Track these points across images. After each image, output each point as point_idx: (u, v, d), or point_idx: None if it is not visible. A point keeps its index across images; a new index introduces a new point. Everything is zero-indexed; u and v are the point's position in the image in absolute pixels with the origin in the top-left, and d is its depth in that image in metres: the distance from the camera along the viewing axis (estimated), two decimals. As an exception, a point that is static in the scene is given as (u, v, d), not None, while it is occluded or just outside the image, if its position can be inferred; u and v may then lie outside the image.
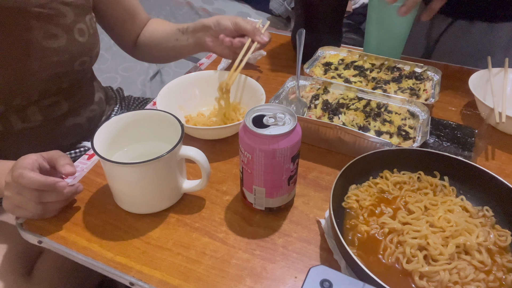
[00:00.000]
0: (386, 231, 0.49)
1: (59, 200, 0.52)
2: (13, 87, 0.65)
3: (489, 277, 0.44)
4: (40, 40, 0.65)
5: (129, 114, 0.56)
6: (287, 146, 0.47)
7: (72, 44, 0.69)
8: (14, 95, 0.66)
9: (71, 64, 0.70)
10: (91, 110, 0.79)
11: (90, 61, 0.75)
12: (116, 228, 0.52)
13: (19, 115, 0.69)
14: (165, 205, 0.54)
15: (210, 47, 0.77)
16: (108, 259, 0.48)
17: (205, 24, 0.77)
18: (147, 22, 0.89)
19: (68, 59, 0.69)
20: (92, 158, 0.64)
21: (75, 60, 0.70)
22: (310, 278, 0.36)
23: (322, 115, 0.66)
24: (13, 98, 0.66)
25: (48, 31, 0.66)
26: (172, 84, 0.71)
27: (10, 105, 0.67)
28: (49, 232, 0.52)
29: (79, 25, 0.70)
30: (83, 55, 0.71)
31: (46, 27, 0.65)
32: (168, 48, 0.85)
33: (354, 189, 0.54)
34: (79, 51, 0.70)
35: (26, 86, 0.66)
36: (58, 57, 0.67)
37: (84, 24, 0.71)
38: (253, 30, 0.74)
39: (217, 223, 0.53)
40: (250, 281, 0.46)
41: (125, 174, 0.49)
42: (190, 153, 0.51)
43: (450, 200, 0.51)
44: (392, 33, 0.82)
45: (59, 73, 0.69)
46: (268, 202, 0.52)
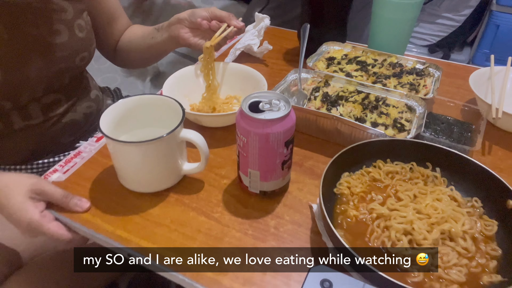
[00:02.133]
0: (374, 216, 0.50)
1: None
2: (22, 83, 0.66)
3: (471, 263, 0.46)
4: (45, 36, 0.67)
5: (135, 98, 0.59)
6: (280, 130, 0.49)
7: (73, 39, 0.71)
8: (21, 92, 0.67)
9: (73, 59, 0.72)
10: (88, 107, 0.80)
11: (89, 57, 0.76)
12: (119, 205, 0.55)
13: (21, 112, 0.69)
14: (166, 185, 0.57)
15: (184, 38, 0.77)
16: (109, 232, 0.51)
17: (180, 17, 0.77)
18: (128, 28, 0.89)
19: (70, 54, 0.71)
20: (100, 141, 0.67)
21: (76, 56, 0.72)
22: (310, 278, 0.36)
23: (321, 106, 0.68)
24: (20, 95, 0.67)
25: (52, 27, 0.67)
26: (178, 73, 0.74)
27: (17, 102, 0.68)
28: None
29: (78, 20, 0.72)
30: (83, 50, 0.73)
31: (50, 23, 0.67)
32: (144, 48, 0.85)
33: (347, 177, 0.56)
34: (80, 46, 0.72)
35: (33, 82, 0.67)
36: (62, 53, 0.69)
37: (82, 20, 0.73)
38: (228, 16, 0.76)
39: (214, 204, 0.56)
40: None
41: (128, 153, 0.52)
42: (189, 135, 0.54)
43: (439, 190, 0.53)
44: (396, 30, 0.83)
45: (62, 69, 0.70)
46: (263, 185, 0.55)
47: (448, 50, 1.95)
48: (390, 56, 0.81)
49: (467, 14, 1.84)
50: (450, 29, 1.88)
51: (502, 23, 1.80)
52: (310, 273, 0.36)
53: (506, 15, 1.78)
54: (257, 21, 0.93)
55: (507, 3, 1.76)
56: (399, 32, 0.83)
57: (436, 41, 1.92)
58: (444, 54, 1.93)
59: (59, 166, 0.61)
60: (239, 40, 0.93)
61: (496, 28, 1.82)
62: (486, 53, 1.88)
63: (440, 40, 1.91)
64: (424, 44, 1.94)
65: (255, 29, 0.92)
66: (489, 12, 1.85)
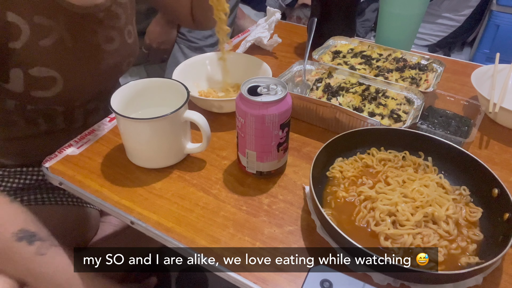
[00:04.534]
0: (362, 198, 0.53)
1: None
2: (78, 90, 0.68)
3: (452, 245, 0.48)
4: (101, 43, 0.68)
5: (144, 80, 0.63)
6: (276, 113, 0.52)
7: (123, 46, 0.72)
8: (76, 98, 0.69)
9: (121, 65, 0.74)
10: None
11: (133, 62, 0.78)
12: (125, 178, 0.60)
13: (67, 116, 0.72)
14: (170, 162, 0.61)
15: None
16: (114, 201, 0.56)
17: None
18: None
19: (120, 61, 0.73)
20: (112, 121, 0.72)
21: (124, 61, 0.74)
22: (310, 278, 0.37)
23: (322, 96, 0.71)
24: (74, 101, 0.70)
25: (108, 35, 0.69)
26: (189, 61, 0.78)
27: (69, 107, 0.70)
28: (69, 176, 0.60)
29: (128, 27, 0.73)
30: (130, 56, 0.75)
31: (107, 31, 0.69)
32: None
33: (340, 161, 0.59)
34: (128, 52, 0.74)
35: (87, 89, 0.69)
36: (114, 60, 0.71)
37: (131, 26, 0.74)
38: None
39: (213, 182, 0.59)
40: (233, 230, 0.52)
41: (135, 129, 0.57)
42: (193, 116, 0.58)
43: (427, 177, 0.55)
44: (403, 26, 0.84)
45: (112, 75, 0.73)
46: (259, 166, 0.58)
47: (448, 50, 1.94)
48: (395, 51, 0.83)
49: (467, 14, 1.83)
50: (450, 29, 1.87)
51: (502, 23, 1.78)
52: (310, 273, 0.37)
53: (506, 15, 1.76)
54: (268, 15, 0.96)
55: (507, 3, 1.73)
56: (406, 28, 0.85)
57: (436, 41, 1.91)
58: (444, 54, 1.92)
59: (74, 141, 0.66)
60: (250, 33, 0.96)
61: (496, 28, 1.80)
62: (486, 53, 1.86)
63: (440, 40, 1.90)
64: (424, 44, 1.93)
65: (266, 23, 0.96)
66: (489, 12, 1.83)
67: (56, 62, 0.63)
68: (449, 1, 1.82)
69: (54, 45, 0.62)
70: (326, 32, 0.89)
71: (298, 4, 1.90)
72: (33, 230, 0.57)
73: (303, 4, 1.88)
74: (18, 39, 0.58)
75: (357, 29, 1.66)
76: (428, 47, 1.94)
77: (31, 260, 0.56)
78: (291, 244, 0.50)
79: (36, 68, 0.61)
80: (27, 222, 0.58)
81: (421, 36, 1.92)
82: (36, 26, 0.59)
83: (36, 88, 0.63)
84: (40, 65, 0.61)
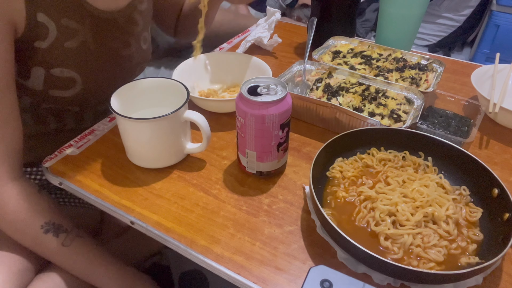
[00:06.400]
0: (362, 198, 0.53)
1: None
2: (94, 92, 0.69)
3: (452, 245, 0.48)
4: (119, 48, 0.70)
5: (144, 81, 0.63)
6: (276, 113, 0.52)
7: (138, 51, 0.74)
8: (90, 100, 0.71)
9: (134, 70, 0.76)
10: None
11: (145, 67, 0.80)
12: (125, 178, 0.60)
13: (77, 116, 0.73)
14: (170, 162, 0.61)
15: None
16: (114, 201, 0.56)
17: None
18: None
19: (134, 66, 0.74)
20: (112, 121, 0.72)
21: (137, 66, 0.76)
22: (310, 278, 0.36)
23: (322, 96, 0.71)
24: (89, 102, 0.71)
25: (126, 40, 0.71)
26: (189, 61, 0.78)
27: (83, 107, 0.71)
28: (69, 176, 0.60)
29: (144, 33, 0.75)
30: (143, 62, 0.77)
31: (125, 36, 0.70)
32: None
33: (340, 161, 0.59)
34: (142, 57, 0.76)
35: (102, 91, 0.69)
36: (129, 64, 0.73)
37: (147, 32, 0.76)
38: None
39: (213, 182, 0.59)
40: (233, 230, 0.52)
41: (135, 129, 0.57)
42: (193, 116, 0.58)
43: (427, 177, 0.55)
44: (403, 26, 0.84)
45: (125, 79, 0.72)
46: (259, 166, 0.58)
47: (448, 50, 1.94)
48: (395, 51, 0.83)
49: (467, 14, 1.83)
50: (450, 29, 1.87)
51: (502, 23, 1.78)
52: (310, 273, 0.36)
53: (506, 15, 1.76)
54: (268, 15, 0.96)
55: (507, 3, 1.74)
56: (406, 28, 0.85)
57: (436, 41, 1.91)
58: (444, 54, 1.92)
59: (73, 141, 0.66)
60: (250, 33, 0.96)
61: (496, 28, 1.80)
62: (486, 53, 1.86)
63: (440, 40, 1.90)
64: (424, 44, 1.94)
65: (266, 23, 0.96)
66: (489, 12, 1.83)
67: (78, 64, 0.65)
68: (449, 1, 1.82)
69: (78, 47, 0.64)
70: (326, 32, 0.89)
71: (298, 4, 1.90)
72: (59, 222, 0.60)
73: (303, 4, 1.88)
74: (45, 39, 0.60)
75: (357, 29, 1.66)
76: (428, 47, 1.94)
77: (55, 251, 0.60)
78: (291, 244, 0.50)
79: (58, 68, 0.63)
80: (54, 213, 0.61)
81: (421, 36, 1.92)
82: (63, 28, 0.61)
83: (55, 88, 0.65)
84: (62, 66, 0.63)
